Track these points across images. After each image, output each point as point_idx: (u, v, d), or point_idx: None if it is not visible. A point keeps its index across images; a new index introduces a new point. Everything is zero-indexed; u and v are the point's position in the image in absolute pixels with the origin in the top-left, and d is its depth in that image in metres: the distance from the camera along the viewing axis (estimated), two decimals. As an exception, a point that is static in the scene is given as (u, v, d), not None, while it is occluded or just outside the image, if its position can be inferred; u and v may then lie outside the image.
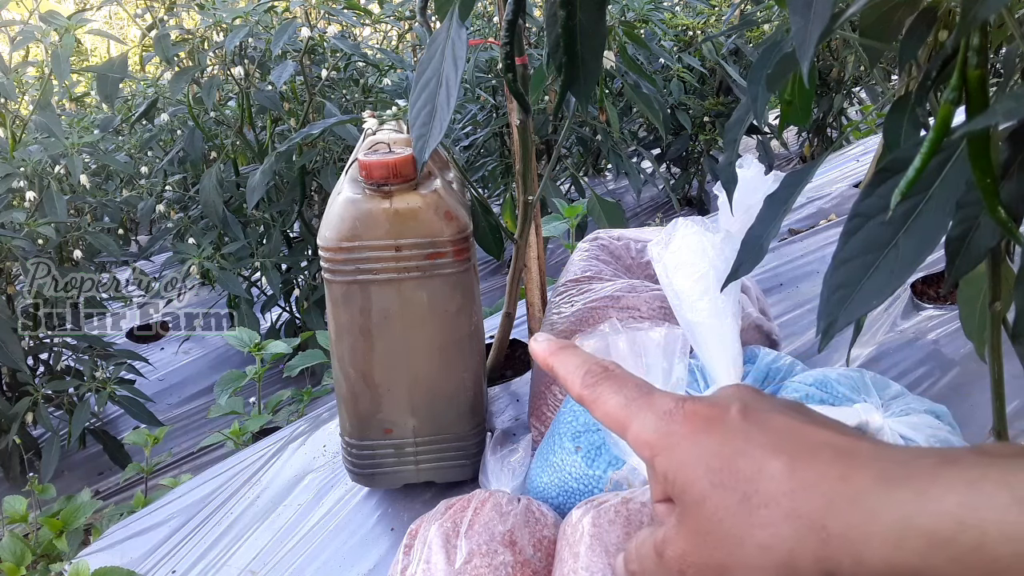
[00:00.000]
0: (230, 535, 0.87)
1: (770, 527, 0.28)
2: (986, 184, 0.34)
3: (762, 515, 0.28)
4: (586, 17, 0.54)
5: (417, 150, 0.58)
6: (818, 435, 0.30)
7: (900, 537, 0.26)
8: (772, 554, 0.28)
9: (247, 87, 1.78)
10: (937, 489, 0.26)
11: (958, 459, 0.26)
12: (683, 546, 0.31)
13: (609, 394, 0.34)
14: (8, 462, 1.61)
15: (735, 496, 0.29)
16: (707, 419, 0.31)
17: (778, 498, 0.28)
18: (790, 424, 0.31)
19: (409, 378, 0.78)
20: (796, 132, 3.23)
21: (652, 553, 0.33)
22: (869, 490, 0.27)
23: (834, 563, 0.27)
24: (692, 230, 0.75)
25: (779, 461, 0.29)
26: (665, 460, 0.31)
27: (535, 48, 1.83)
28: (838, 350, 1.04)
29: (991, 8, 0.30)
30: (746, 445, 0.30)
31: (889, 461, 0.28)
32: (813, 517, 0.28)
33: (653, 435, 0.32)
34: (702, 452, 0.30)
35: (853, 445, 0.29)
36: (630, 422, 0.33)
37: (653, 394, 0.33)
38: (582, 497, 0.71)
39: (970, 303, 0.54)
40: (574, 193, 2.48)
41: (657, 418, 0.32)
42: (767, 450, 0.29)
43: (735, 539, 0.29)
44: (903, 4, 0.46)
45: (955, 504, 0.25)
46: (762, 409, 0.31)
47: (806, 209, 1.64)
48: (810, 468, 0.28)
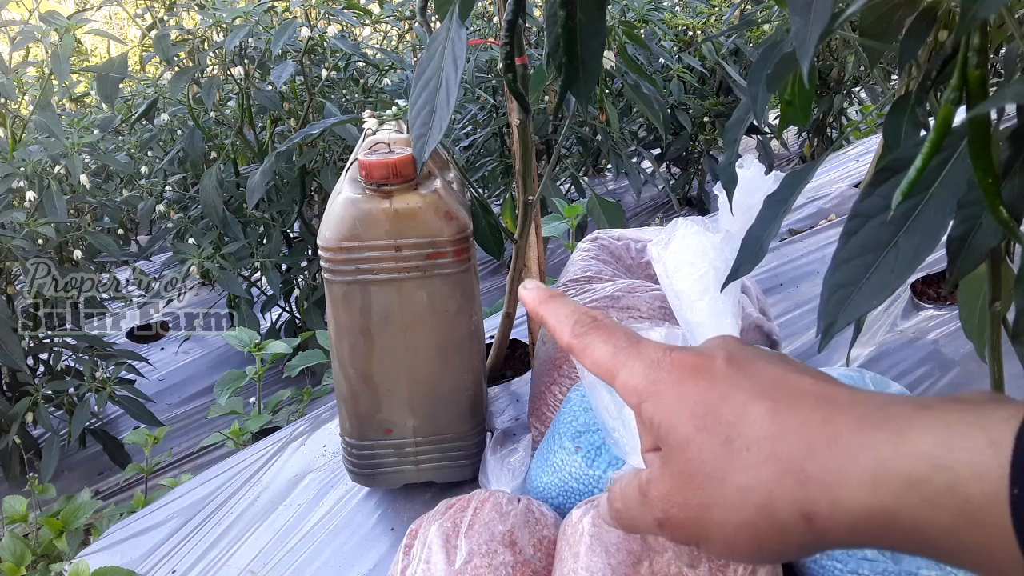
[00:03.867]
0: (230, 535, 0.87)
1: (751, 469, 0.29)
2: (988, 183, 0.34)
3: (743, 457, 0.29)
4: (586, 17, 0.54)
5: (417, 150, 0.58)
6: (801, 382, 0.30)
7: (876, 479, 0.26)
8: (751, 495, 0.29)
9: (247, 87, 1.78)
10: (913, 431, 0.26)
11: (934, 405, 0.27)
12: (667, 487, 0.32)
13: (598, 343, 0.35)
14: (8, 462, 1.61)
15: (718, 439, 0.30)
16: (694, 367, 0.32)
17: (759, 441, 0.29)
18: (774, 371, 0.31)
19: (409, 378, 0.78)
20: (796, 132, 3.23)
21: (636, 493, 0.33)
22: (848, 433, 0.27)
23: (811, 504, 0.28)
24: (692, 230, 0.74)
25: (762, 406, 0.30)
26: (651, 406, 0.32)
27: (535, 48, 1.82)
28: (838, 350, 1.04)
29: (991, 8, 0.30)
30: (730, 391, 0.31)
31: (868, 407, 0.28)
32: (793, 460, 0.28)
33: (641, 382, 0.33)
34: (687, 398, 0.31)
35: (834, 392, 0.30)
36: (618, 370, 0.34)
37: (641, 343, 0.34)
38: (582, 497, 0.71)
39: (970, 303, 0.54)
40: (574, 193, 2.48)
41: (645, 366, 0.33)
42: (751, 395, 0.30)
43: (717, 480, 0.30)
44: (903, 4, 0.46)
45: (931, 445, 0.25)
46: (747, 358, 0.32)
47: (806, 209, 1.64)
48: (792, 413, 0.29)
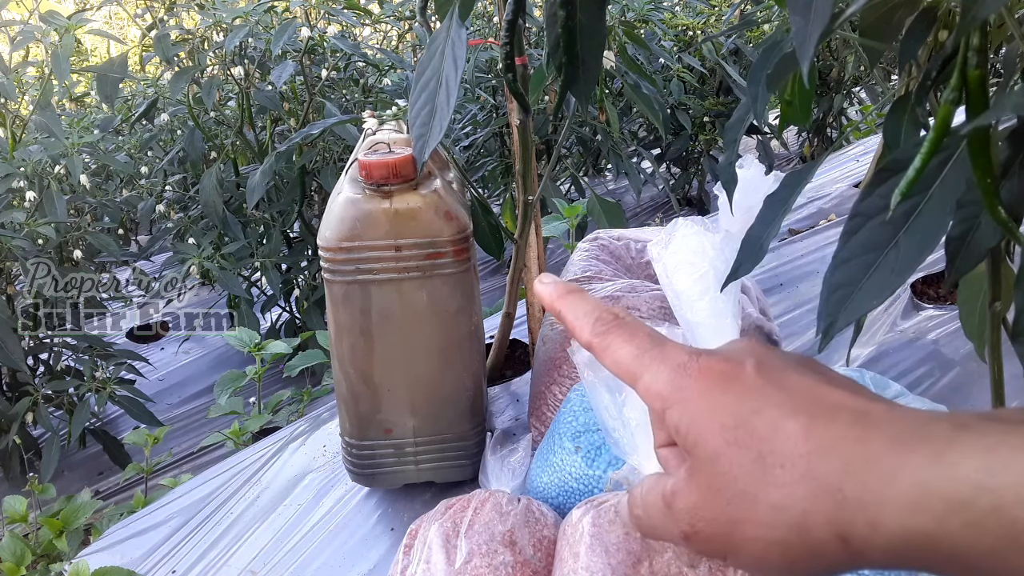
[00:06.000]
0: (230, 535, 0.87)
1: (785, 487, 0.28)
2: (986, 184, 0.34)
3: (777, 475, 0.28)
4: (586, 17, 0.54)
5: (417, 150, 0.58)
6: (834, 395, 0.29)
7: (916, 501, 0.26)
8: (785, 514, 0.28)
9: (247, 87, 1.78)
10: (954, 454, 0.25)
11: (973, 424, 0.26)
12: (694, 499, 0.31)
13: (620, 343, 0.34)
14: (8, 462, 1.61)
15: (750, 454, 0.29)
16: (722, 374, 0.31)
17: (794, 459, 0.28)
18: (806, 383, 0.30)
19: (409, 378, 0.78)
20: (796, 132, 3.23)
21: (660, 502, 0.32)
22: (886, 453, 0.27)
23: (848, 525, 0.27)
24: (692, 230, 0.74)
25: (796, 422, 0.29)
26: (677, 413, 0.31)
27: (535, 48, 1.83)
28: (838, 350, 1.04)
29: (991, 8, 0.30)
30: (762, 403, 0.30)
31: (905, 424, 0.27)
32: (829, 479, 0.27)
33: (666, 387, 0.31)
34: (716, 408, 0.30)
35: (869, 407, 0.29)
36: (641, 373, 0.32)
37: (665, 345, 0.33)
38: (582, 497, 0.71)
39: (970, 303, 0.54)
40: (574, 193, 2.48)
41: (670, 371, 0.32)
42: (784, 410, 0.29)
43: (749, 497, 0.29)
44: (903, 4, 0.46)
45: (973, 469, 0.25)
46: (777, 366, 0.31)
47: (806, 209, 1.64)
48: (827, 430, 0.28)
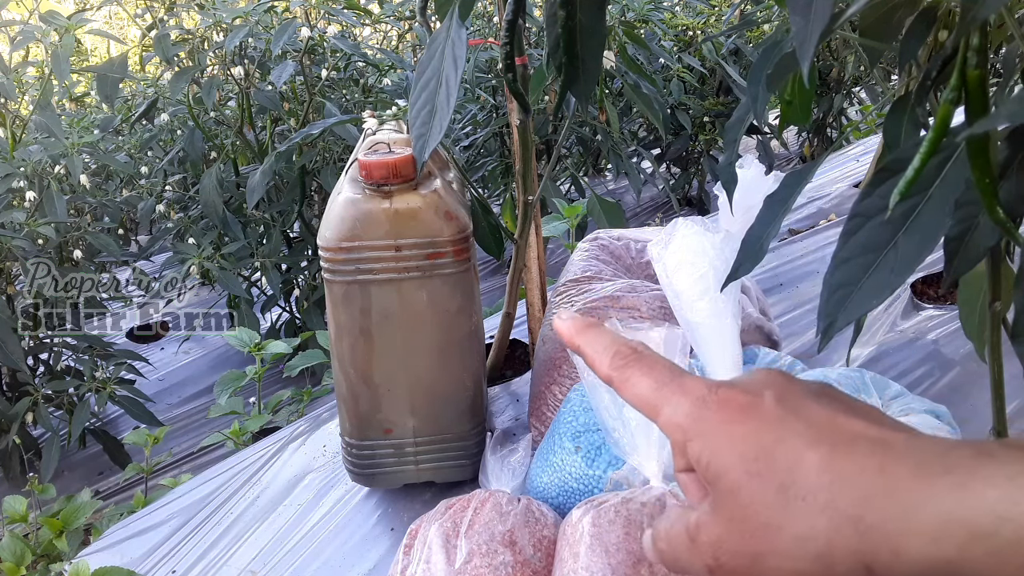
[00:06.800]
0: (230, 535, 0.87)
1: (808, 519, 0.28)
2: (985, 184, 0.34)
3: (799, 506, 0.28)
4: (586, 17, 0.54)
5: (417, 150, 0.58)
6: (853, 425, 0.30)
7: (939, 531, 0.26)
8: (809, 545, 0.28)
9: (247, 87, 1.78)
10: (977, 483, 0.26)
11: (995, 453, 0.26)
12: (718, 532, 0.31)
13: (639, 377, 0.34)
14: (8, 462, 1.61)
15: (772, 486, 0.29)
16: (741, 407, 0.31)
17: (816, 491, 0.28)
18: (825, 413, 0.30)
19: (409, 378, 0.78)
20: (796, 132, 3.23)
21: (684, 536, 0.33)
22: (907, 483, 0.27)
23: (871, 556, 0.27)
24: (692, 230, 0.75)
25: (816, 453, 0.29)
26: (698, 446, 0.31)
27: (535, 48, 1.83)
28: (838, 350, 1.04)
29: (991, 8, 0.30)
30: (783, 434, 0.30)
31: (926, 453, 0.28)
32: (851, 510, 0.28)
33: (686, 420, 0.32)
34: (737, 440, 0.30)
35: (888, 436, 0.29)
36: (662, 406, 0.33)
37: (684, 378, 0.33)
38: (582, 497, 0.71)
39: (970, 303, 0.54)
40: (574, 193, 2.48)
41: (690, 403, 0.32)
42: (804, 440, 0.29)
43: (773, 528, 0.29)
44: (903, 4, 0.46)
45: (995, 499, 0.25)
46: (796, 396, 0.31)
47: (806, 209, 1.64)
48: (848, 460, 0.28)
